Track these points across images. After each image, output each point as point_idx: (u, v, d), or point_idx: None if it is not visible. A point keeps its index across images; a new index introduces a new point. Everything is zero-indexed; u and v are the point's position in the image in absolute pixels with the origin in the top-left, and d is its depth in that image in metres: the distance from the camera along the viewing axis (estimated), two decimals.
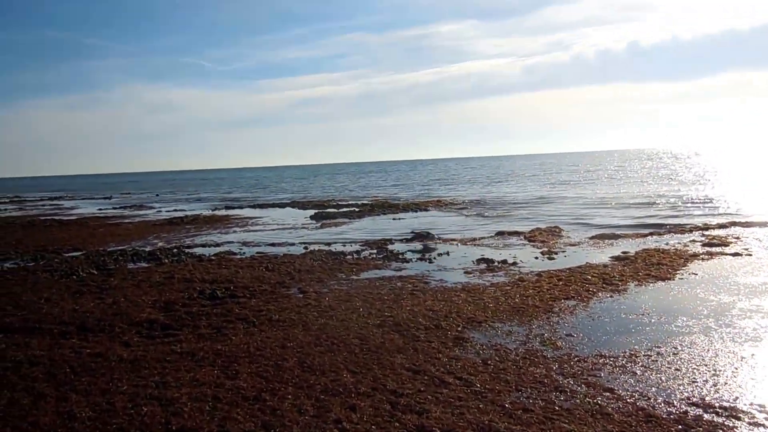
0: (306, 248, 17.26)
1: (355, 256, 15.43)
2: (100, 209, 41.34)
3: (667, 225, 20.01)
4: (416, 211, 29.53)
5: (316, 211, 31.46)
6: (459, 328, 8.49)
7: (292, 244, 18.54)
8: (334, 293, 10.93)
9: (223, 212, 34.40)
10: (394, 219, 26.01)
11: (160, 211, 37.89)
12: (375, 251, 15.95)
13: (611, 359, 7.06)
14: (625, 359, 7.05)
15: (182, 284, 12.11)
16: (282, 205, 38.45)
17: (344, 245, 17.72)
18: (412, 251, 15.83)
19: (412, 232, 19.31)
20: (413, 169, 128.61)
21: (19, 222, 29.81)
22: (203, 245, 19.13)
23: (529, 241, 17.10)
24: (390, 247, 16.82)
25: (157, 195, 62.68)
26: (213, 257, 15.97)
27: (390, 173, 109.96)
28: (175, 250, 17.53)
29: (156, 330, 8.90)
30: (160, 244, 19.76)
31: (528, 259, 14.06)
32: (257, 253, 16.76)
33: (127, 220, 30.38)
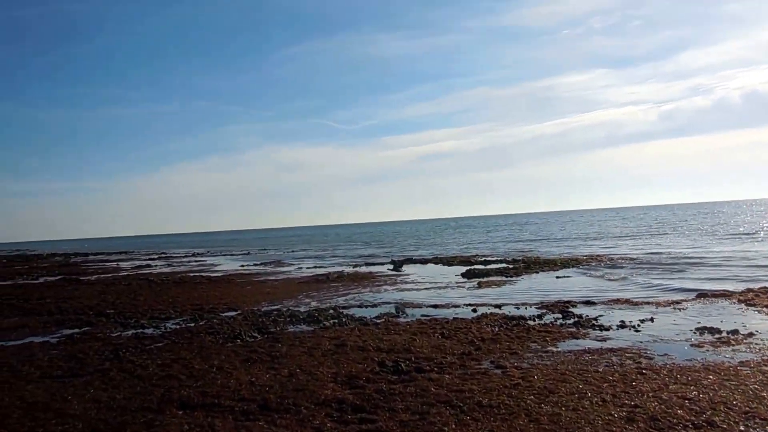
0: (474, 311, 15.65)
1: (538, 321, 13.51)
2: (242, 266, 42.25)
3: None
4: (578, 268, 26.99)
5: (467, 268, 29.77)
6: (741, 428, 6.37)
7: (457, 306, 16.92)
8: (540, 370, 9.09)
9: (365, 269, 33.68)
10: (558, 278, 23.69)
11: (301, 267, 37.89)
12: (559, 316, 13.94)
13: None
14: None
15: (357, 353, 10.81)
16: (423, 262, 37.15)
17: (517, 308, 15.84)
18: (604, 316, 13.64)
19: (584, 296, 17.04)
20: (548, 222, 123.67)
21: (171, 279, 30.62)
22: (359, 306, 18.03)
23: (748, 305, 14.29)
24: (574, 310, 14.72)
25: (293, 251, 64.02)
26: (377, 320, 14.68)
27: (523, 226, 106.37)
28: (331, 311, 16.51)
29: (347, 412, 7.53)
30: (313, 303, 18.91)
31: (765, 328, 11.43)
32: (422, 315, 15.31)
33: (271, 278, 30.32)
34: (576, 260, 30.42)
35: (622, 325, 12.41)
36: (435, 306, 17.20)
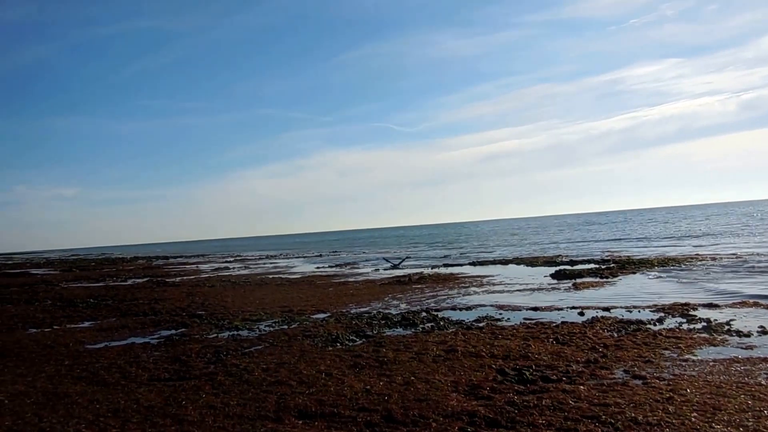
0: (582, 314, 14.70)
1: (660, 326, 12.39)
2: (317, 268, 42.24)
3: None
4: (679, 268, 25.28)
5: (554, 269, 28.47)
6: None
7: (560, 309, 15.95)
8: (688, 382, 8.08)
9: (445, 270, 32.92)
10: (659, 278, 22.22)
11: (377, 269, 37.55)
12: (682, 320, 12.79)
13: None
14: None
15: (470, 360, 10.07)
16: (504, 262, 36.08)
17: (629, 311, 14.72)
18: (736, 320, 12.36)
19: (702, 298, 15.67)
20: (622, 221, 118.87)
21: (253, 281, 30.75)
22: (452, 308, 17.28)
23: None
24: (697, 314, 13.50)
25: (364, 253, 63.91)
26: (479, 324, 13.92)
27: (596, 225, 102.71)
28: (424, 314, 15.86)
29: (481, 427, 6.80)
30: (403, 306, 18.30)
31: None
32: (525, 319, 14.44)
33: (351, 280, 29.97)
34: (674, 260, 28.63)
35: (764, 331, 11.15)
36: (535, 309, 16.26)
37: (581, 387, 8.15)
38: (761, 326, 11.54)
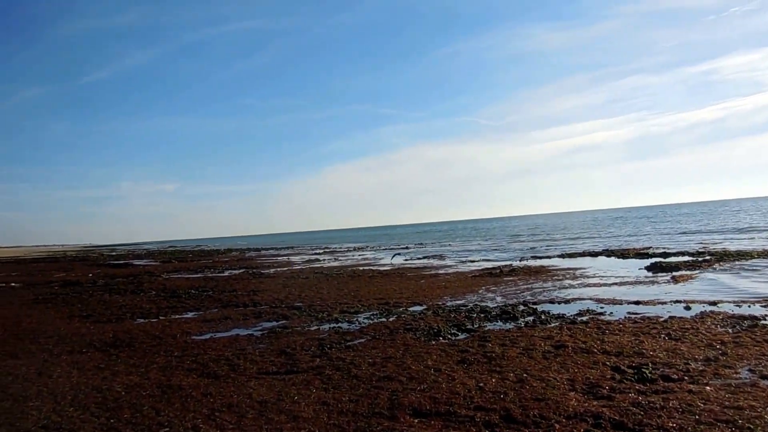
0: (688, 308, 13.93)
1: None
2: (406, 260, 42.22)
3: None
4: None
5: (649, 261, 27.21)
6: None
7: (664, 303, 15.13)
8: None
9: (534, 263, 32.10)
10: (760, 272, 20.70)
11: (464, 261, 37.18)
12: None
13: None
14: None
15: (582, 356, 9.63)
16: (593, 255, 34.82)
17: (738, 305, 13.80)
18: None
19: None
20: (710, 213, 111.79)
21: (344, 273, 31.09)
22: (550, 302, 16.72)
23: None
24: None
25: (450, 245, 63.42)
26: (582, 318, 13.38)
27: (684, 216, 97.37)
28: (522, 308, 15.43)
29: (608, 430, 6.43)
30: (498, 299, 17.89)
31: None
32: (629, 313, 13.74)
33: (441, 272, 29.71)
34: None
35: None
36: (637, 303, 15.48)
37: (707, 387, 7.59)
38: None
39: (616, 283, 20.27)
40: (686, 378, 8.11)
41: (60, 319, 17.84)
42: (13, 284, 34.08)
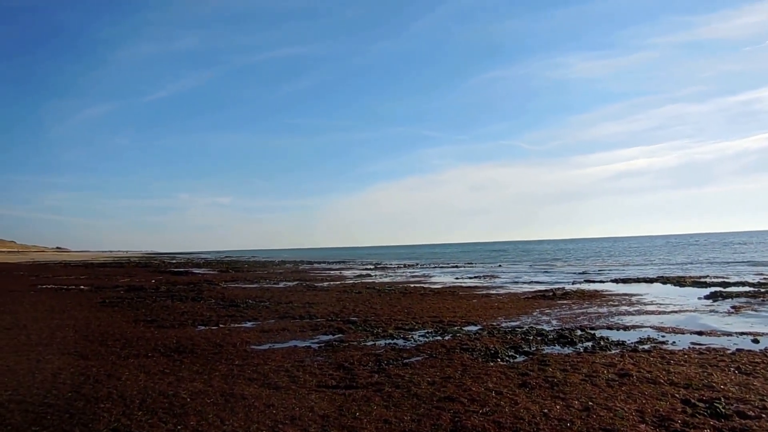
0: (755, 341, 13.60)
1: None
2: (457, 278, 42.02)
3: None
4: None
5: (709, 290, 26.45)
6: None
7: (729, 334, 14.69)
8: None
9: (587, 286, 31.57)
10: None
11: (516, 282, 36.84)
12: None
13: None
14: None
15: (649, 386, 9.38)
16: (648, 281, 34.00)
17: None
18: None
19: None
20: (763, 242, 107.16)
21: (396, 289, 31.10)
22: (608, 327, 16.37)
23: None
24: None
25: (500, 266, 62.82)
26: (643, 346, 13.06)
27: (732, 245, 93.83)
28: (579, 332, 15.14)
29: None
30: (554, 322, 17.61)
31: None
32: (692, 344, 13.35)
33: (492, 292, 29.45)
34: None
35: None
36: (700, 333, 15.06)
37: None
38: None
39: (674, 311, 19.76)
40: (764, 416, 7.80)
41: (126, 322, 18.44)
42: (82, 287, 35.42)
